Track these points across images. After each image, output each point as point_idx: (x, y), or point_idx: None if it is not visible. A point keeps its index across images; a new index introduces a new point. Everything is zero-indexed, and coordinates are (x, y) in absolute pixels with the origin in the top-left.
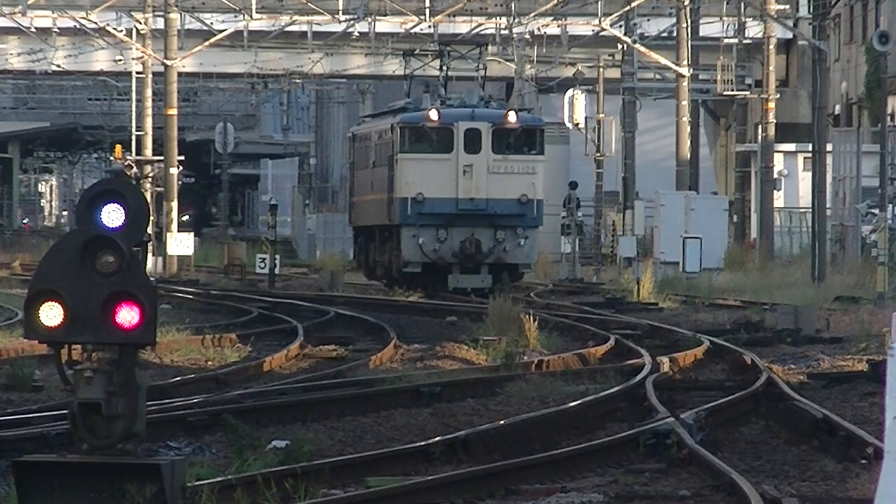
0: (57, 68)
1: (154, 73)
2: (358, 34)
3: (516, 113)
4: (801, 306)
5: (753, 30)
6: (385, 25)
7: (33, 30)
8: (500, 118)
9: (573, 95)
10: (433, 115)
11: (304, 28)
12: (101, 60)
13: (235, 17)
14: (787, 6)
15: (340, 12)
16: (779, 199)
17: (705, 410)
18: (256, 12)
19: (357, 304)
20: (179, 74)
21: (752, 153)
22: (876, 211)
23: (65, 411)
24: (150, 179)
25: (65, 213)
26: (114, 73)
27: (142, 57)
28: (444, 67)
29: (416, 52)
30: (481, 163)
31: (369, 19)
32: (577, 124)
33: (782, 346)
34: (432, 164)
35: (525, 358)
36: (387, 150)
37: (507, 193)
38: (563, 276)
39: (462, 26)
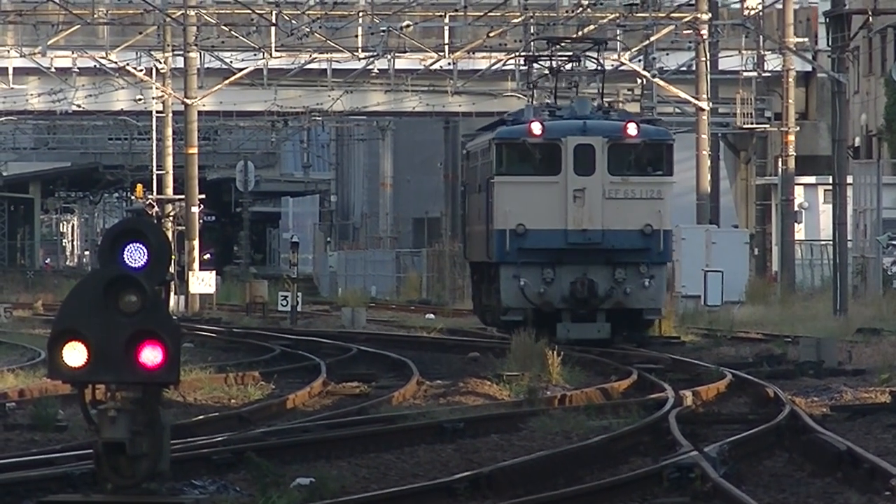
0: (77, 108)
1: (174, 112)
2: (377, 71)
3: (637, 125)
4: (823, 338)
5: (772, 63)
6: (404, 62)
7: (53, 70)
8: (617, 131)
9: None
10: (536, 128)
11: (324, 65)
12: (121, 100)
13: (255, 55)
14: (806, 39)
15: (360, 49)
16: (799, 232)
17: (729, 444)
18: (276, 50)
19: (379, 341)
20: (199, 113)
21: (773, 186)
22: None
23: (89, 451)
24: (171, 218)
25: (87, 253)
26: (134, 113)
27: (162, 96)
28: (556, 71)
29: (529, 54)
30: (595, 186)
31: (389, 56)
32: None
33: (805, 378)
34: (535, 188)
35: (548, 393)
36: (486, 171)
37: (627, 223)
38: None
39: (481, 62)
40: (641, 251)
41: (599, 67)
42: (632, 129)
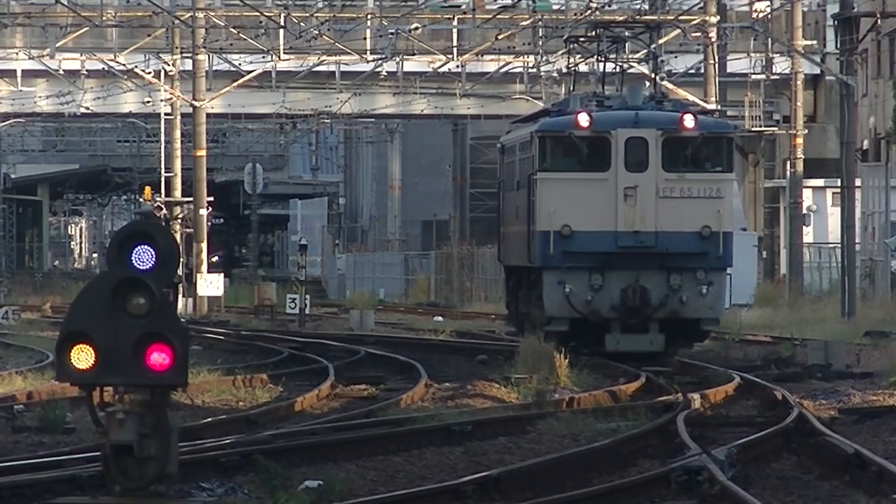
0: (85, 111)
1: (183, 115)
2: (386, 73)
3: (695, 116)
4: (831, 341)
5: (781, 65)
6: (413, 64)
7: (62, 72)
8: (673, 123)
9: None
10: (583, 119)
11: (332, 68)
12: (129, 102)
13: (263, 57)
14: (815, 42)
15: (368, 52)
16: (808, 235)
17: (737, 446)
18: (284, 53)
19: (387, 344)
20: (208, 115)
21: (781, 189)
22: None
23: (97, 453)
24: (179, 221)
25: (95, 255)
26: (142, 115)
27: (170, 98)
28: (603, 57)
29: (578, 38)
30: (648, 183)
31: (397, 59)
32: None
33: (813, 381)
34: (582, 185)
35: (556, 395)
36: (527, 167)
37: (683, 225)
38: None
39: (490, 65)
40: (699, 255)
41: (651, 53)
42: (689, 120)
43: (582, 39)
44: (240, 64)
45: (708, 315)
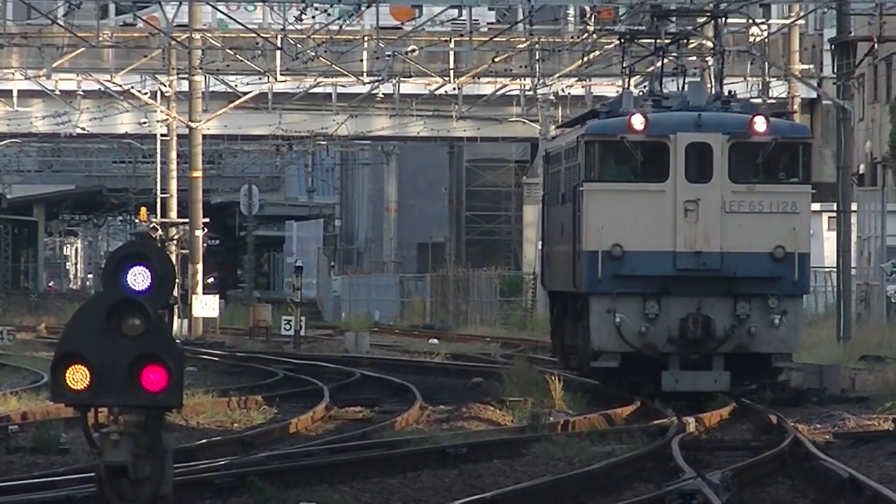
0: (82, 131)
1: (179, 136)
2: (382, 95)
3: (767, 119)
4: (826, 365)
5: (778, 90)
6: (409, 87)
7: (58, 93)
8: (741, 127)
9: None
10: (637, 122)
11: (329, 90)
12: (125, 123)
13: (260, 79)
14: (812, 66)
15: (365, 74)
16: None
17: (731, 470)
18: (281, 74)
19: (383, 366)
20: (204, 137)
21: None
22: None
23: (91, 474)
24: (175, 242)
25: (90, 276)
26: (138, 136)
27: (166, 119)
28: (661, 51)
29: (635, 35)
30: (713, 196)
31: (394, 81)
32: None
33: (808, 405)
34: (636, 198)
35: (551, 419)
36: (573, 176)
37: (753, 244)
38: None
39: (486, 87)
40: (771, 280)
41: (718, 47)
42: (760, 124)
43: (641, 38)
44: (236, 85)
45: (780, 349)
